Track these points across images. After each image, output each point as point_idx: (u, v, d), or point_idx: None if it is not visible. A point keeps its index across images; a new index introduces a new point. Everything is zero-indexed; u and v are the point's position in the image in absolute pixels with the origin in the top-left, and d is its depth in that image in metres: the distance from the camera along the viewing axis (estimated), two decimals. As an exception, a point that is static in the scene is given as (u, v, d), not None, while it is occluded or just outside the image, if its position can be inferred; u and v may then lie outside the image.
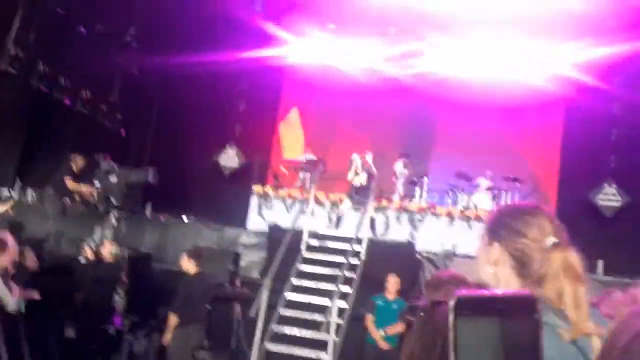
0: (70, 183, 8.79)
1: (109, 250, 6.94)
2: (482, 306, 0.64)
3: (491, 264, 1.40)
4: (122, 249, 7.39)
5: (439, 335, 0.86)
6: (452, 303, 0.64)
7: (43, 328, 7.06)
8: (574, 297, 1.26)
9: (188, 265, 6.67)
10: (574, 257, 1.32)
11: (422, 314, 0.96)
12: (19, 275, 6.08)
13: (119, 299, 7.53)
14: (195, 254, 6.83)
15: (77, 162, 8.96)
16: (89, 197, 9.05)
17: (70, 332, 7.03)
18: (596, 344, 1.22)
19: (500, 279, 1.38)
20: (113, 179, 8.72)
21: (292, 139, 14.26)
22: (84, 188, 8.88)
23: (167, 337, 6.49)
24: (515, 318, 0.64)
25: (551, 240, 1.33)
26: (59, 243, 8.91)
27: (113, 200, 8.76)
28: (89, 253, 6.89)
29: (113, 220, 8.77)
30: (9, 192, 9.63)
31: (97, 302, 6.75)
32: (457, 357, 0.63)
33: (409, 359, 0.89)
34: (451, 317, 0.64)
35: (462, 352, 0.63)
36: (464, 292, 0.66)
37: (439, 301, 0.92)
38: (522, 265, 1.35)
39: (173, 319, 6.40)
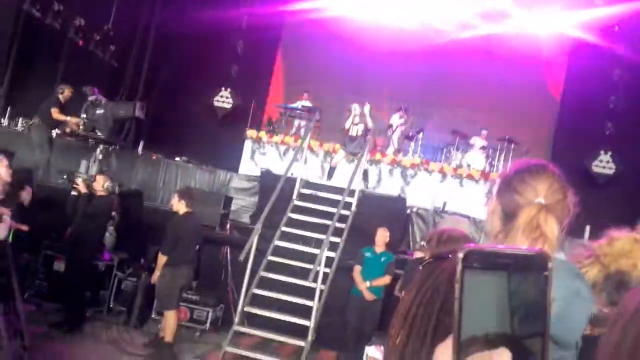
0: (56, 113, 8.63)
1: (101, 184, 6.86)
2: (491, 260, 0.63)
3: (489, 214, 1.50)
4: (114, 184, 7.32)
5: (440, 292, 0.85)
6: (460, 254, 0.63)
7: (32, 259, 7.08)
8: None
9: (178, 205, 6.64)
10: (547, 220, 1.34)
11: (421, 268, 0.94)
12: (9, 205, 6.03)
13: (108, 235, 7.53)
14: (186, 194, 6.78)
15: (65, 93, 8.78)
16: (75, 129, 8.92)
17: (59, 266, 7.05)
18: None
19: (492, 228, 1.48)
20: (100, 111, 8.57)
21: (283, 81, 14.04)
22: (70, 119, 8.74)
23: (156, 276, 6.53)
24: (524, 274, 0.64)
25: (539, 200, 1.37)
26: (46, 174, 8.83)
27: (99, 132, 8.65)
28: (81, 186, 6.81)
29: (99, 154, 8.66)
30: (-1, 119, 9.45)
31: (88, 237, 6.72)
32: (461, 309, 0.63)
33: (405, 317, 0.87)
34: (459, 269, 0.63)
35: (467, 304, 0.63)
36: (473, 245, 0.64)
37: (442, 257, 0.90)
38: (508, 218, 1.41)
39: (162, 258, 6.42)
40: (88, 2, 11.63)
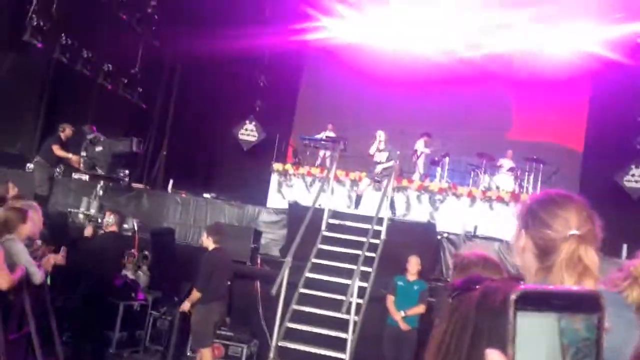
0: (58, 150, 8.84)
1: (107, 221, 6.96)
2: (544, 301, 0.64)
3: (519, 251, 1.46)
4: (130, 220, 7.43)
5: (470, 320, 0.85)
6: (513, 296, 0.64)
7: (68, 300, 7.17)
8: None
9: (207, 242, 6.71)
10: (587, 252, 1.33)
11: (450, 300, 0.95)
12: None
13: (142, 275, 7.61)
14: (214, 231, 6.83)
15: (66, 131, 9.03)
16: (77, 166, 9.18)
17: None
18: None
19: (525, 264, 1.44)
20: (99, 148, 8.85)
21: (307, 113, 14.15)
22: (72, 156, 8.97)
23: (187, 306, 6.58)
24: (577, 315, 0.64)
25: (572, 232, 1.35)
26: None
27: (99, 169, 8.91)
28: (89, 231, 6.95)
29: (99, 190, 8.86)
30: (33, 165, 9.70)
31: (100, 274, 6.69)
32: (514, 351, 0.63)
33: (438, 350, 0.87)
34: (511, 311, 0.64)
35: (520, 347, 0.63)
36: (526, 285, 0.65)
37: (467, 287, 0.92)
38: (543, 253, 1.38)
39: (196, 293, 6.48)
40: (115, 47, 12.01)
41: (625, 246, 8.94)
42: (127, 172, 9.92)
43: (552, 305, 0.64)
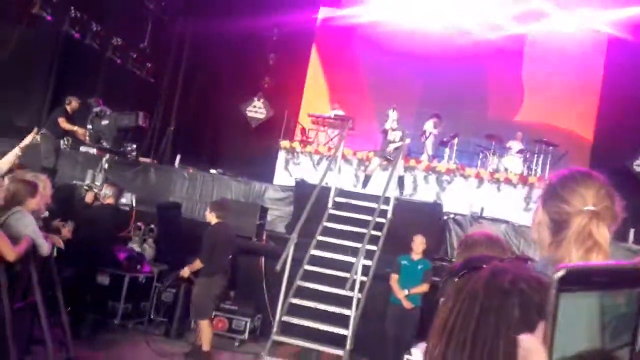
0: (63, 123, 8.82)
1: (104, 194, 6.98)
2: (587, 279, 0.62)
3: (535, 225, 1.48)
4: (128, 195, 7.46)
5: (478, 298, 0.84)
6: (556, 276, 0.61)
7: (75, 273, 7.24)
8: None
9: (210, 217, 6.75)
10: (599, 228, 1.32)
11: (456, 279, 0.93)
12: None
13: (148, 248, 7.67)
14: (217, 206, 6.89)
15: (72, 104, 8.99)
16: (83, 139, 9.17)
17: (103, 279, 7.19)
18: None
19: (540, 238, 1.47)
20: (104, 122, 8.83)
21: (315, 92, 14.08)
22: (78, 129, 8.96)
23: (186, 271, 6.69)
24: (619, 291, 0.62)
25: (588, 208, 1.35)
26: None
27: (105, 143, 8.90)
28: (89, 197, 6.97)
29: (104, 163, 8.88)
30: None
31: (93, 244, 6.71)
32: (553, 332, 0.61)
33: (443, 328, 0.86)
34: (553, 291, 0.62)
35: (560, 327, 0.61)
36: (568, 264, 0.63)
37: (475, 266, 0.90)
38: (558, 227, 1.39)
39: (197, 263, 6.54)
40: (125, 22, 11.96)
41: (632, 231, 8.90)
42: (134, 146, 9.95)
43: (596, 282, 0.61)
